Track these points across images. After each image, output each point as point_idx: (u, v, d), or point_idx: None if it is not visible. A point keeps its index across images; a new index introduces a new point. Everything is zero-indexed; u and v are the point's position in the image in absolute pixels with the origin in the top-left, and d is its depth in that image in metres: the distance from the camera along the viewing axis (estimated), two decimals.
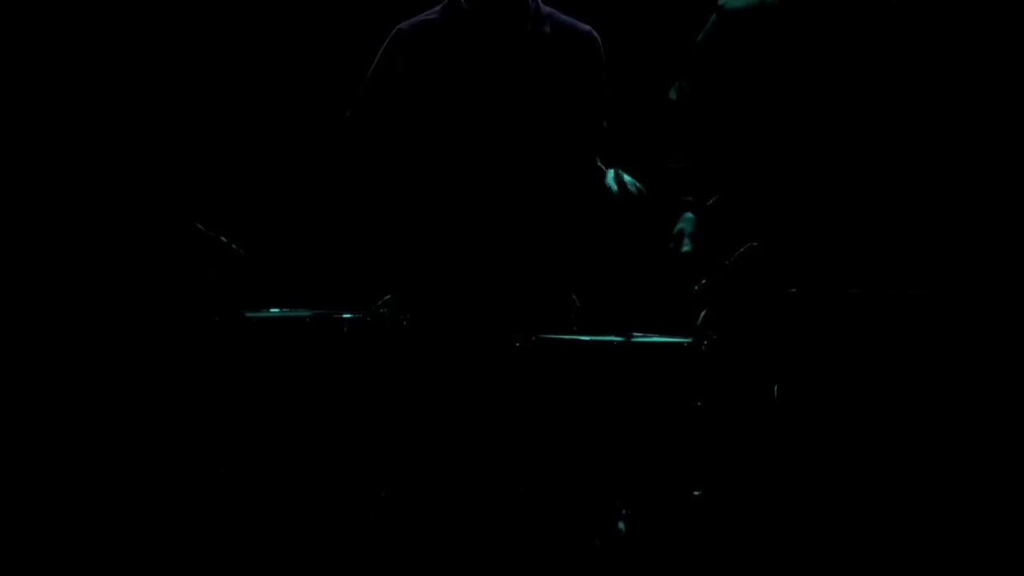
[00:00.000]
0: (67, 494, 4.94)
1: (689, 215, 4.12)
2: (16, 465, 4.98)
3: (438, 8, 4.23)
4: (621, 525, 3.69)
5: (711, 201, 4.12)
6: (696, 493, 3.72)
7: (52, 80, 5.23)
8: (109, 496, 4.92)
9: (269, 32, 5.43)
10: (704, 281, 3.92)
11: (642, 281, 4.54)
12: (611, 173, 4.09)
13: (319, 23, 5.45)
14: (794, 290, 3.96)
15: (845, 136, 4.12)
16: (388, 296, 4.09)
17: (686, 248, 4.05)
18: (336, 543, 3.89)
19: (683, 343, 3.76)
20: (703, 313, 3.97)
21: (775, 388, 3.93)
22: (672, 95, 4.20)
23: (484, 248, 4.12)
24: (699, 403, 3.74)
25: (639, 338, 3.81)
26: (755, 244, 3.92)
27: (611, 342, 3.77)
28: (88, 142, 5.26)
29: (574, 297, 4.24)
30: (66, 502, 4.91)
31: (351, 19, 5.32)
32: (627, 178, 4.04)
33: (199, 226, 4.23)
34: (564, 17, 4.23)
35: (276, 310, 4.12)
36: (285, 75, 5.43)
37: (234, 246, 4.22)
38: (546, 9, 4.22)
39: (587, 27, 4.23)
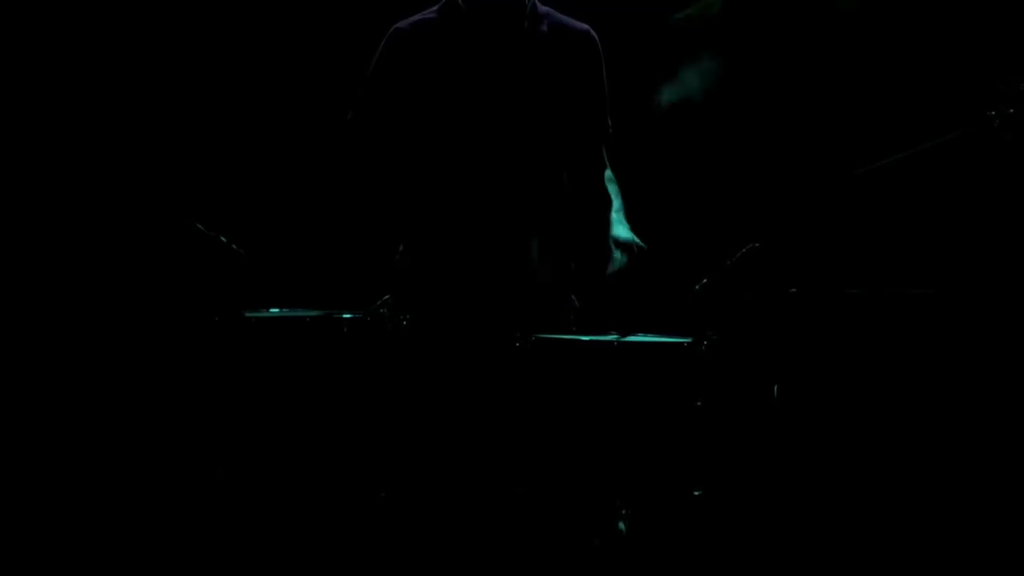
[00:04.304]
0: (67, 494, 4.94)
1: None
2: (16, 465, 4.98)
3: (435, 8, 4.22)
4: (621, 525, 3.69)
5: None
6: (696, 493, 3.72)
7: (52, 80, 5.23)
8: (109, 496, 4.92)
9: (269, 32, 5.43)
10: (704, 281, 3.92)
11: (642, 281, 4.53)
12: (617, 230, 4.11)
13: (319, 23, 5.44)
14: (794, 290, 3.96)
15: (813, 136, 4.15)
16: (388, 296, 4.08)
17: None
18: (336, 543, 3.89)
19: (683, 343, 3.76)
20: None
21: (775, 388, 3.93)
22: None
23: (484, 248, 4.12)
24: (699, 403, 3.74)
25: (639, 338, 3.81)
26: (755, 244, 3.92)
27: (611, 342, 3.77)
28: (88, 142, 5.26)
29: (573, 297, 4.24)
30: (66, 502, 4.91)
31: (351, 19, 5.32)
32: (625, 237, 4.08)
33: (199, 226, 4.23)
34: (561, 16, 4.23)
35: (276, 310, 4.12)
36: (285, 75, 5.43)
37: (234, 246, 4.22)
38: (543, 8, 4.22)
39: (584, 26, 4.23)
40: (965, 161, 4.29)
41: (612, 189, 4.24)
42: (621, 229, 4.13)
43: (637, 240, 4.09)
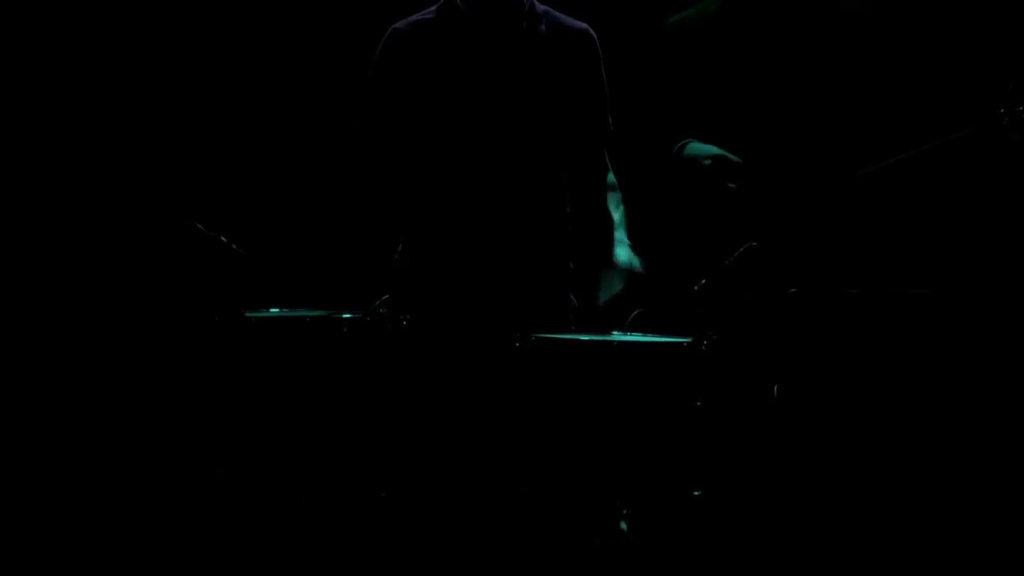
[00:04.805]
0: (67, 494, 4.94)
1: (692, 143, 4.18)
2: (16, 465, 4.98)
3: (433, 8, 4.22)
4: (621, 525, 3.69)
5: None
6: (696, 493, 3.72)
7: (52, 80, 5.23)
8: (109, 496, 4.92)
9: (269, 32, 5.43)
10: (704, 281, 3.92)
11: (642, 281, 4.53)
12: (617, 252, 4.13)
13: (319, 23, 5.45)
14: (794, 290, 3.96)
15: (815, 135, 4.15)
16: (388, 296, 4.08)
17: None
18: (336, 543, 3.89)
19: (683, 343, 3.76)
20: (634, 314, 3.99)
21: (775, 388, 3.93)
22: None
23: (483, 248, 4.12)
24: (699, 403, 3.74)
25: (639, 338, 3.81)
26: (755, 244, 3.92)
27: (611, 342, 3.77)
28: (88, 142, 5.26)
29: (573, 297, 4.24)
30: (66, 502, 4.92)
31: (351, 19, 5.32)
32: (624, 260, 4.09)
33: (199, 226, 4.23)
34: (559, 15, 4.23)
35: (276, 310, 4.12)
36: (285, 75, 5.43)
37: (234, 246, 4.22)
38: (541, 8, 4.22)
39: (583, 25, 4.24)
40: (972, 161, 4.29)
41: (614, 198, 4.24)
42: (621, 251, 4.14)
43: (636, 263, 4.10)
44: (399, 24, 4.21)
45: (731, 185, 4.08)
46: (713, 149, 4.11)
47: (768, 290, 3.97)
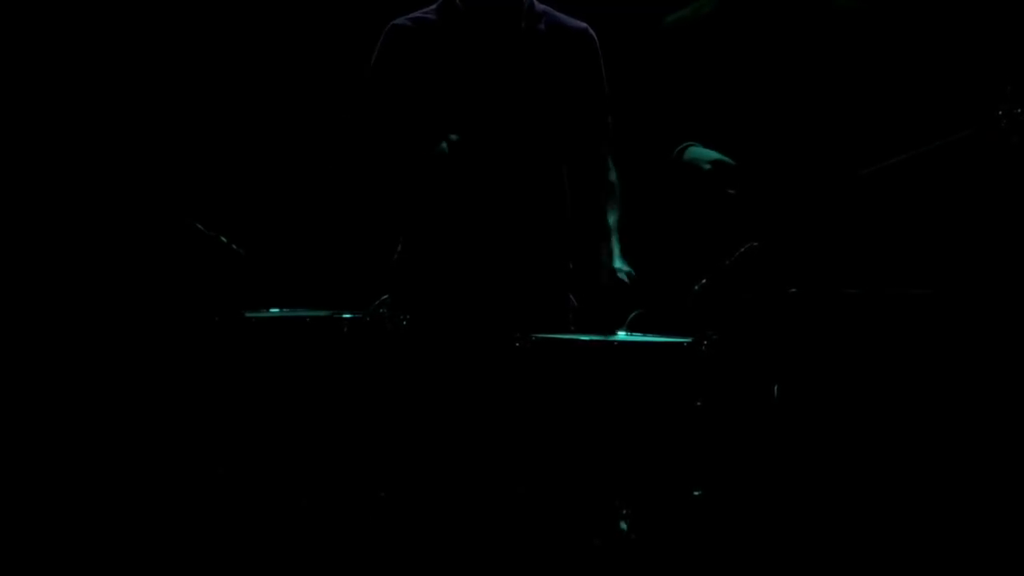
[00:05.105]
0: (67, 494, 4.94)
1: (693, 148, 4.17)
2: (16, 465, 4.98)
3: (432, 7, 4.23)
4: (621, 525, 3.69)
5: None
6: (696, 493, 3.72)
7: (52, 80, 5.24)
8: (109, 496, 4.92)
9: (269, 32, 5.43)
10: (704, 281, 3.92)
11: (642, 281, 4.53)
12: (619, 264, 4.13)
13: (319, 23, 5.45)
14: (794, 290, 3.96)
15: (815, 134, 4.15)
16: (388, 296, 4.08)
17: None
18: (336, 543, 3.89)
19: (683, 343, 3.76)
20: (632, 315, 3.98)
21: (775, 388, 3.93)
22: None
23: (483, 248, 4.12)
24: (699, 403, 3.74)
25: (639, 338, 3.81)
26: (755, 244, 3.92)
27: (610, 342, 3.77)
28: (88, 142, 5.26)
29: (572, 297, 4.24)
30: (66, 502, 4.91)
31: (351, 19, 5.32)
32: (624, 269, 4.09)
33: (199, 226, 4.23)
34: (559, 15, 4.23)
35: (276, 310, 4.12)
36: (285, 75, 5.43)
37: (234, 246, 4.22)
38: (540, 7, 4.22)
39: (582, 24, 4.24)
40: (971, 162, 4.29)
41: (613, 199, 4.24)
42: (618, 260, 4.14)
43: (623, 274, 4.10)
44: (398, 20, 4.21)
45: (730, 191, 4.08)
46: (713, 154, 4.11)
47: (768, 290, 3.97)
